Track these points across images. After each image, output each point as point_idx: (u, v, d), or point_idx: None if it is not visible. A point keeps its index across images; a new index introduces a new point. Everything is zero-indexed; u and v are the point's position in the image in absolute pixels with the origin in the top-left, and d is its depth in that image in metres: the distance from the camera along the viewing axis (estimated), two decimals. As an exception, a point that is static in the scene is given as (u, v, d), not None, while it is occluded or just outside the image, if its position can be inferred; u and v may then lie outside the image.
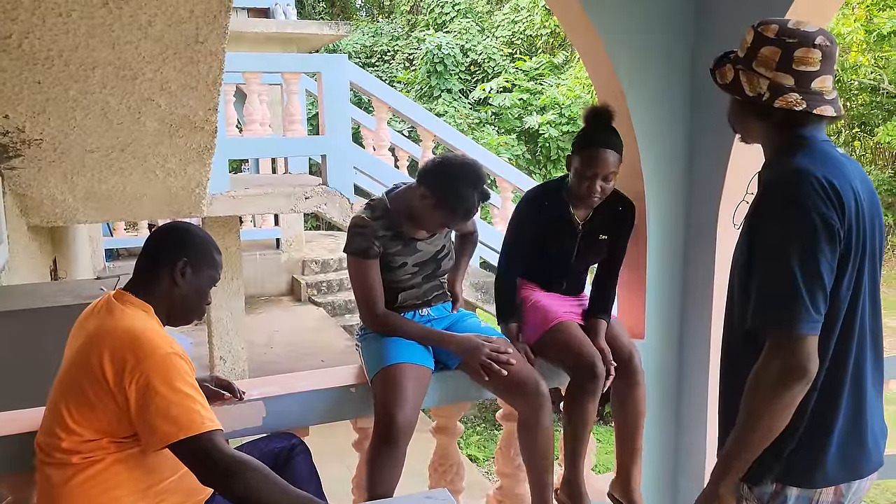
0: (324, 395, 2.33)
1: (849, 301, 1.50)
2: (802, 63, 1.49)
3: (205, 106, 3.51)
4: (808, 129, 1.54)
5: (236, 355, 6.82)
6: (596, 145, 2.37)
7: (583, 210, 2.50)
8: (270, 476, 1.67)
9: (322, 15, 18.70)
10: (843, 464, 1.55)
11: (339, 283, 10.17)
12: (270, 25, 8.82)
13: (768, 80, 1.52)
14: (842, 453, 1.55)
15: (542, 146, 12.65)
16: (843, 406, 1.54)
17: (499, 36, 16.11)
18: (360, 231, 2.26)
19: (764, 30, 1.54)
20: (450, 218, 2.24)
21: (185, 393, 1.64)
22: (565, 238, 2.52)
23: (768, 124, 1.58)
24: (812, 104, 1.50)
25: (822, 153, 1.52)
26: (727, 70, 1.59)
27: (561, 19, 2.76)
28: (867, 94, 14.22)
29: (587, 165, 2.36)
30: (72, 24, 2.61)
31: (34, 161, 3.86)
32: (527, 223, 2.53)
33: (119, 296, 1.80)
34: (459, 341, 2.31)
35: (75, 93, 3.16)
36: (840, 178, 1.47)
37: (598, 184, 2.37)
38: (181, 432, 1.61)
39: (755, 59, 1.54)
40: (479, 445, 7.21)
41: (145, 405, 1.61)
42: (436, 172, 2.22)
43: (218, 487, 1.67)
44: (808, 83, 1.50)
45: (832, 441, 1.54)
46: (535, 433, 2.32)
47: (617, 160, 2.38)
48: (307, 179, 6.94)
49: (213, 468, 1.63)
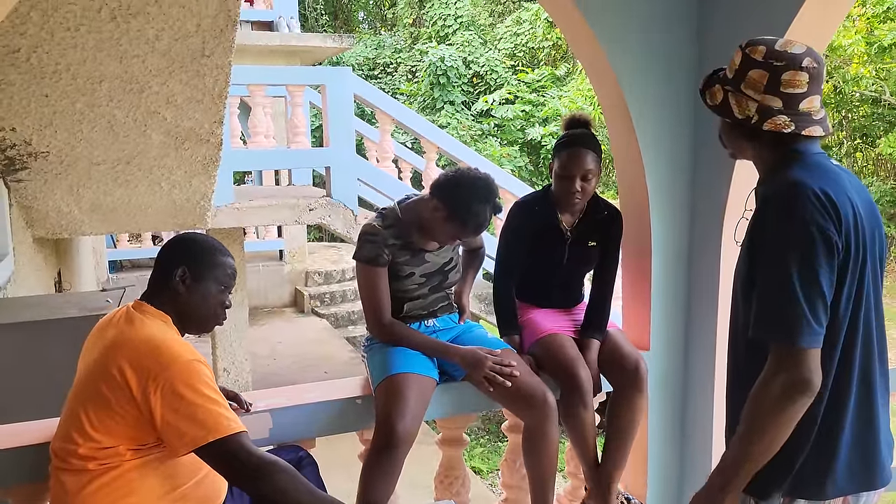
0: (330, 407, 2.33)
1: (851, 312, 1.50)
2: (790, 86, 1.51)
3: (210, 119, 3.53)
4: (800, 144, 1.56)
5: (240, 367, 6.81)
6: (572, 145, 2.44)
7: (569, 216, 2.54)
8: (298, 477, 1.69)
9: (325, 28, 18.81)
10: (852, 475, 1.55)
11: (343, 295, 10.17)
12: (274, 38, 8.87)
13: (757, 103, 1.53)
14: (851, 464, 1.54)
15: (544, 158, 12.70)
16: (850, 417, 1.54)
17: (501, 48, 16.19)
18: (370, 239, 2.28)
19: (752, 52, 1.55)
20: (461, 231, 2.26)
21: (210, 397, 1.66)
22: (555, 245, 2.55)
23: (759, 144, 1.59)
24: (801, 125, 1.52)
25: (817, 165, 1.53)
26: (717, 91, 1.61)
27: (562, 29, 2.78)
28: (868, 106, 14.24)
29: (565, 166, 2.43)
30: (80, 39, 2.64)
31: (40, 173, 3.88)
32: (518, 232, 2.56)
33: (138, 306, 1.82)
34: (463, 354, 2.31)
35: (82, 106, 3.18)
36: (836, 189, 1.47)
37: (577, 183, 2.41)
38: (209, 435, 1.63)
39: (743, 81, 1.55)
40: (483, 457, 7.19)
41: (172, 411, 1.62)
42: (449, 186, 2.24)
43: (247, 488, 1.69)
44: (795, 105, 1.52)
45: (841, 452, 1.53)
46: (541, 444, 2.32)
47: (594, 160, 2.43)
48: (311, 191, 6.96)
49: (241, 469, 1.65)
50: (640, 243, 2.73)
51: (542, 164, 12.82)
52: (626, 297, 2.90)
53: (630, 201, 2.78)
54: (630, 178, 2.77)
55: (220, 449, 1.64)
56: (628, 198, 2.80)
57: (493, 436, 7.70)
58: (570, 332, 2.57)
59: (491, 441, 7.62)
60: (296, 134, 6.43)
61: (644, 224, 2.71)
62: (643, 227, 2.70)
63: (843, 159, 14.88)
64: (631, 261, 2.82)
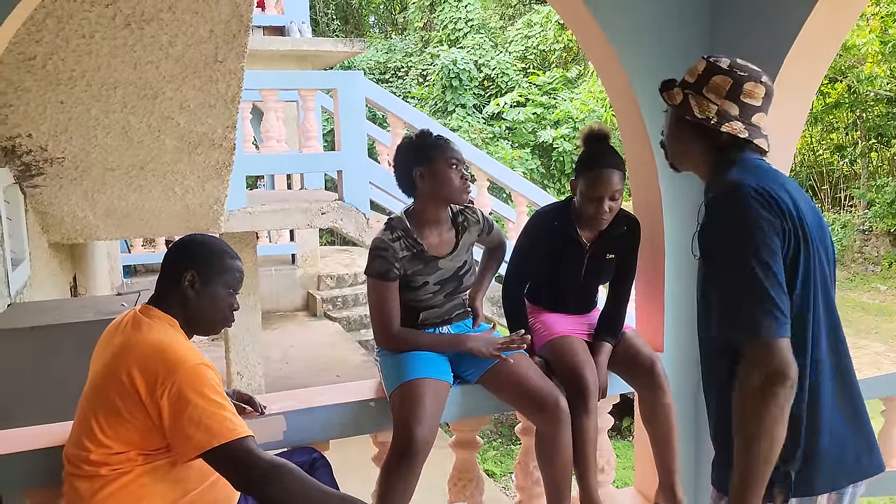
0: (343, 410, 2.34)
1: (813, 303, 1.53)
2: (749, 96, 1.62)
3: (223, 123, 3.56)
4: (746, 152, 1.64)
5: (253, 370, 6.84)
6: (600, 166, 2.40)
7: (589, 231, 2.52)
8: (307, 478, 1.68)
9: (336, 32, 18.88)
10: (839, 468, 1.56)
11: (355, 299, 10.19)
12: (286, 43, 8.91)
13: (717, 107, 1.63)
14: (835, 457, 1.56)
15: (556, 160, 12.66)
16: (829, 409, 1.55)
17: (512, 51, 16.19)
18: (380, 254, 2.27)
19: (717, 61, 1.65)
20: (442, 174, 2.27)
21: (216, 402, 1.66)
22: (573, 258, 2.53)
23: (710, 146, 1.66)
24: (752, 135, 1.62)
25: (755, 167, 1.61)
26: (676, 93, 1.69)
27: (574, 31, 2.77)
28: (883, 105, 14.13)
29: (593, 188, 2.39)
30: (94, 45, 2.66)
31: (56, 179, 3.92)
32: (536, 242, 2.54)
33: (145, 310, 1.82)
34: (472, 337, 2.33)
35: (97, 112, 3.21)
36: (775, 185, 1.54)
37: (606, 204, 2.40)
38: (215, 439, 1.63)
39: (706, 85, 1.64)
40: (496, 460, 7.18)
41: (179, 415, 1.63)
42: (404, 148, 2.33)
43: (255, 492, 1.66)
44: (750, 116, 1.63)
45: (823, 446, 1.54)
46: (553, 449, 2.31)
47: (621, 178, 2.42)
48: (323, 195, 6.98)
49: (248, 474, 1.64)
50: (653, 245, 2.71)
51: (553, 167, 12.79)
52: (639, 298, 2.89)
53: (643, 203, 2.77)
54: (643, 180, 2.76)
55: (226, 453, 1.63)
56: (641, 200, 2.79)
57: (506, 439, 7.68)
58: (584, 335, 2.56)
59: (504, 444, 7.60)
60: (308, 138, 6.46)
61: (657, 226, 2.69)
62: (656, 228, 2.69)
63: (857, 159, 14.76)
64: (644, 263, 2.80)
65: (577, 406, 2.34)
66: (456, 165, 2.29)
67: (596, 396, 2.38)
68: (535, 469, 2.53)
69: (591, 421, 2.36)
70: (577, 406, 2.34)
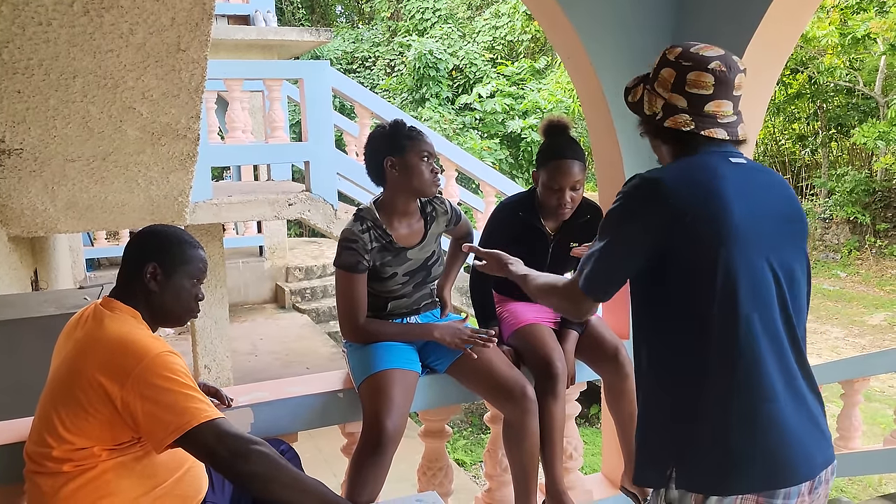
0: (312, 401, 2.33)
1: (726, 298, 1.46)
2: (695, 86, 1.56)
3: (187, 114, 3.50)
4: (702, 145, 1.57)
5: (221, 363, 6.77)
6: (560, 157, 2.43)
7: (553, 221, 2.55)
8: (282, 460, 1.68)
9: (302, 21, 18.68)
10: (760, 471, 1.44)
11: (323, 290, 10.14)
12: (251, 32, 8.79)
13: (664, 101, 1.60)
14: (753, 460, 1.45)
15: (524, 150, 12.71)
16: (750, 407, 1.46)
17: (480, 41, 16.19)
18: (349, 245, 2.26)
19: (668, 52, 1.61)
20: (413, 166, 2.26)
21: (187, 385, 1.65)
22: (538, 248, 2.56)
23: (661, 142, 1.65)
24: (701, 126, 1.56)
25: (689, 164, 1.55)
26: (638, 89, 1.67)
27: (541, 21, 2.78)
28: (843, 96, 14.44)
29: (554, 179, 2.42)
30: (52, 33, 2.60)
31: (14, 171, 3.82)
32: (501, 232, 2.55)
33: (106, 303, 1.79)
34: (440, 327, 2.34)
35: (56, 102, 3.14)
36: (688, 181, 1.50)
37: (567, 195, 2.43)
38: (191, 421, 1.61)
39: (656, 79, 1.62)
40: (466, 450, 7.22)
41: (150, 403, 1.61)
42: (377, 137, 2.31)
43: (234, 473, 1.64)
44: (700, 106, 1.56)
45: (737, 446, 1.45)
46: (520, 437, 2.33)
47: (582, 168, 2.45)
48: (290, 186, 6.92)
49: (224, 454, 1.62)
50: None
51: (521, 157, 12.84)
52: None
53: (609, 193, 2.80)
54: (609, 171, 2.79)
55: (202, 435, 1.62)
56: (607, 190, 2.82)
57: (475, 428, 7.74)
58: (551, 323, 2.59)
59: (474, 433, 7.65)
60: (274, 129, 6.39)
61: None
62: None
63: (818, 149, 15.07)
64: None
65: (545, 391, 2.37)
66: (427, 158, 2.29)
67: (565, 382, 2.41)
68: (504, 457, 2.55)
69: (558, 406, 2.39)
70: (545, 391, 2.37)
